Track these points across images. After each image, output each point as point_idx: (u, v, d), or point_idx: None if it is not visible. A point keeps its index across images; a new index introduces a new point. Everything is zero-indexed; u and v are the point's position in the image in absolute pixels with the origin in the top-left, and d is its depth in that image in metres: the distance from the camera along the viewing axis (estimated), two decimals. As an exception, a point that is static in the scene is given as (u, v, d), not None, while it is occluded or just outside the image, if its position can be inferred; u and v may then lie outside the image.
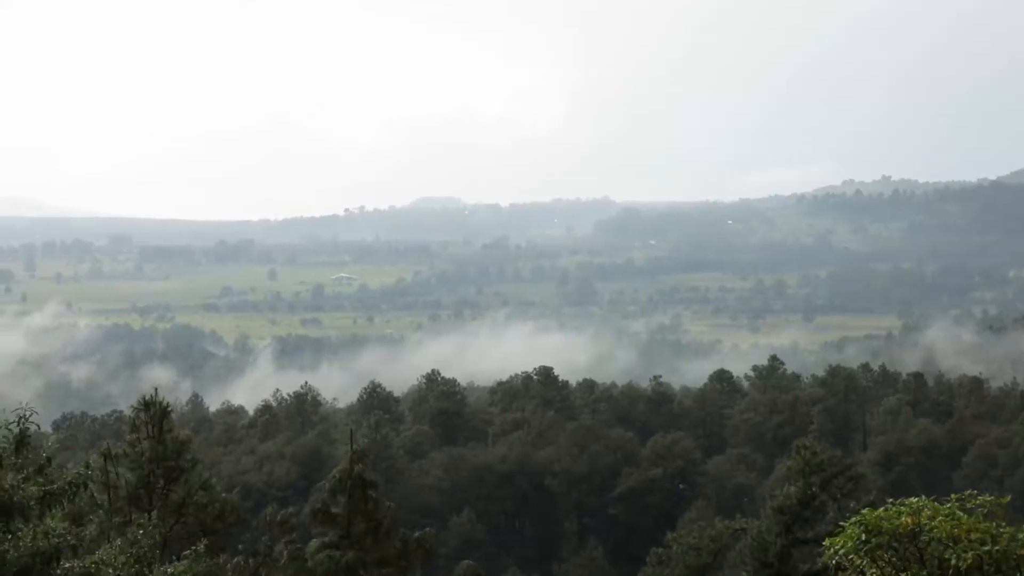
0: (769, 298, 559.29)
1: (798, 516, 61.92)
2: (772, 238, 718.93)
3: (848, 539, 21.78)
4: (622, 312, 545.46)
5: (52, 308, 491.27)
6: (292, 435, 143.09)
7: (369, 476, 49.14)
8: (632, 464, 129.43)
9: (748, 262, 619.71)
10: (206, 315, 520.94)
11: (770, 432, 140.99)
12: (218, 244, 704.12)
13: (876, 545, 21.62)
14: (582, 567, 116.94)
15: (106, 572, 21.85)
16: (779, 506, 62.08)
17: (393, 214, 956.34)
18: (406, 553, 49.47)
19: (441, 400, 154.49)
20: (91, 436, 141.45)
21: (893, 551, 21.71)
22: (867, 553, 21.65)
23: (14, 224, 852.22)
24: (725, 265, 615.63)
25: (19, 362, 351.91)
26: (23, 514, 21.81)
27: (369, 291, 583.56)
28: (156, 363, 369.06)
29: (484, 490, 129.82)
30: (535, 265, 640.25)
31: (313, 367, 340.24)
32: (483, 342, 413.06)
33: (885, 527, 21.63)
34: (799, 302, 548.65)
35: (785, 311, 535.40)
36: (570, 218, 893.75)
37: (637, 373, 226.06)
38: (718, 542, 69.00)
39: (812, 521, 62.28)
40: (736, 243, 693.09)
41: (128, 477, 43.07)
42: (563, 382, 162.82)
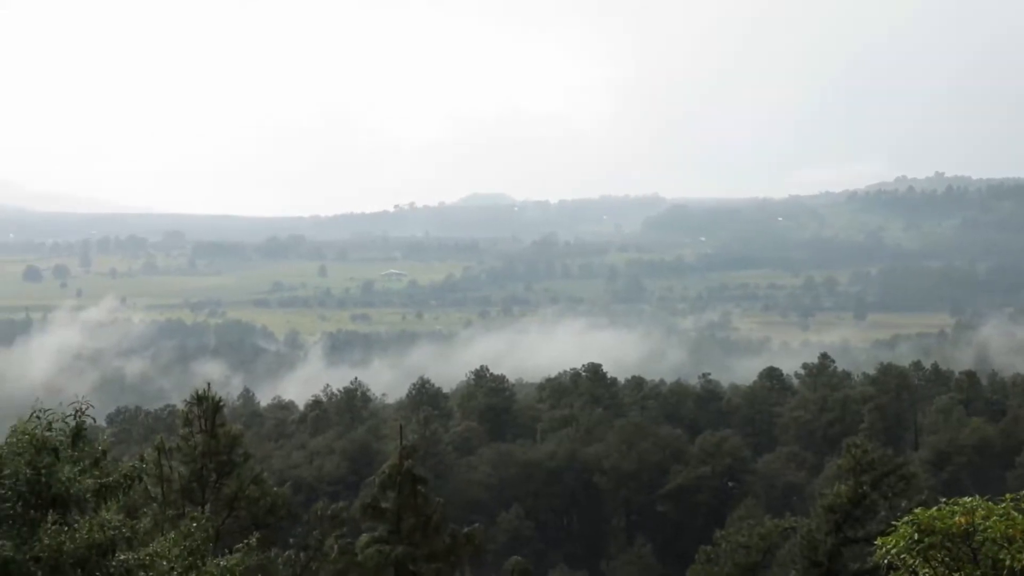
0: (820, 295, 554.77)
1: (849, 515, 61.50)
2: (823, 235, 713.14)
3: (900, 538, 21.62)
4: (671, 309, 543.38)
5: (107, 303, 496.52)
6: (342, 430, 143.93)
7: (418, 472, 49.33)
8: (680, 462, 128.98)
9: (799, 259, 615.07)
10: (257, 310, 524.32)
11: (820, 430, 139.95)
12: (269, 240, 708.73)
13: (929, 545, 21.44)
14: (630, 564, 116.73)
15: (160, 564, 22.04)
16: (829, 505, 61.69)
17: (442, 210, 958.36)
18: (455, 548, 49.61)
19: (490, 396, 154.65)
20: (144, 430, 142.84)
21: (946, 551, 21.52)
22: (920, 553, 21.48)
23: (71, 220, 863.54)
24: (775, 262, 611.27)
25: (75, 356, 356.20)
26: (79, 506, 22.07)
27: (418, 287, 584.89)
28: (208, 358, 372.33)
29: (532, 486, 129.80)
30: (584, 262, 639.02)
31: (363, 363, 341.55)
32: (532, 339, 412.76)
33: (938, 527, 21.45)
34: (850, 300, 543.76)
35: (836, 309, 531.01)
36: (619, 215, 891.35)
37: (686, 370, 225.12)
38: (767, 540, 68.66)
39: (863, 520, 61.83)
40: (786, 240, 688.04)
41: (181, 471, 43.52)
42: (612, 379, 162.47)
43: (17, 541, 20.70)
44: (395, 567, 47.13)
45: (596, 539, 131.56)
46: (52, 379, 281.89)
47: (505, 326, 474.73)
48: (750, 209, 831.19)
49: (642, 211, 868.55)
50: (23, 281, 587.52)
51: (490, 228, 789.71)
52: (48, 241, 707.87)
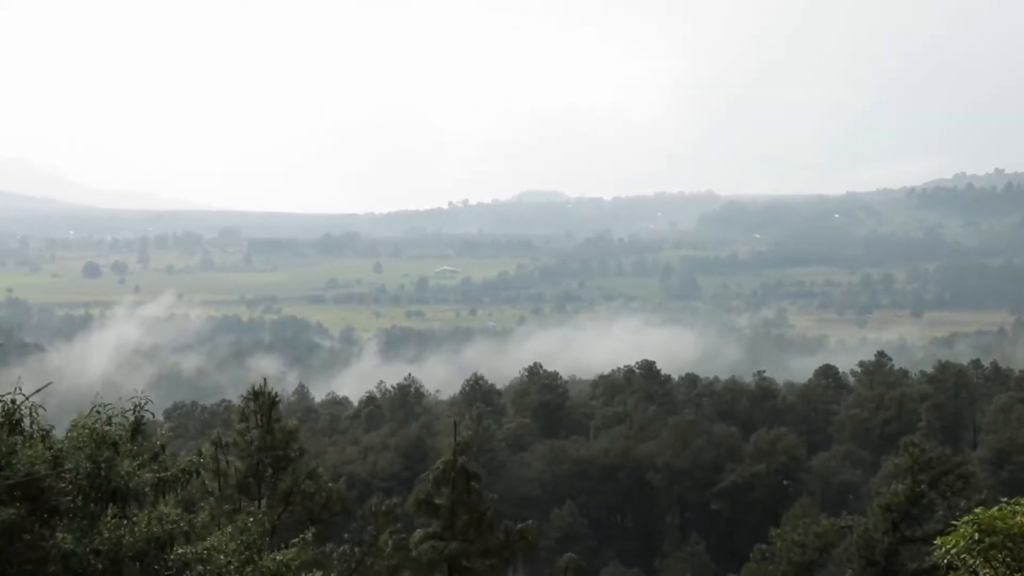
0: (876, 293, 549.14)
1: (906, 514, 60.92)
2: (880, 232, 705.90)
3: (960, 538, 21.36)
4: (725, 306, 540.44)
5: (165, 299, 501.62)
6: (395, 426, 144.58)
7: (472, 468, 49.36)
8: (735, 459, 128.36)
9: (855, 256, 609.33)
10: (312, 307, 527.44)
11: (877, 429, 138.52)
12: (324, 237, 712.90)
13: (990, 545, 21.17)
14: (684, 562, 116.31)
15: (217, 558, 22.21)
16: (886, 504, 61.12)
17: (496, 207, 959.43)
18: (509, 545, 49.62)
19: (543, 393, 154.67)
20: (201, 425, 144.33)
21: (1008, 551, 21.24)
22: (980, 553, 21.21)
23: (129, 217, 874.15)
24: (831, 259, 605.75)
25: (133, 352, 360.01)
26: (138, 500, 22.29)
27: (472, 284, 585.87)
28: (263, 354, 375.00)
29: (585, 483, 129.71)
30: (637, 259, 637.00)
31: (416, 359, 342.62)
32: (585, 336, 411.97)
33: (999, 527, 21.17)
34: (907, 297, 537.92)
35: (893, 306, 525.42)
36: (673, 212, 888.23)
37: (741, 368, 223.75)
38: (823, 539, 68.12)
39: (920, 519, 61.25)
40: (843, 237, 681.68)
41: (238, 465, 43.84)
42: (665, 376, 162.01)
43: (78, 534, 20.96)
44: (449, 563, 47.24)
45: (649, 536, 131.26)
46: (111, 374, 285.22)
47: (558, 323, 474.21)
48: (806, 206, 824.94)
49: (696, 208, 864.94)
50: (83, 277, 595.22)
51: (544, 225, 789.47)
52: (107, 238, 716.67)
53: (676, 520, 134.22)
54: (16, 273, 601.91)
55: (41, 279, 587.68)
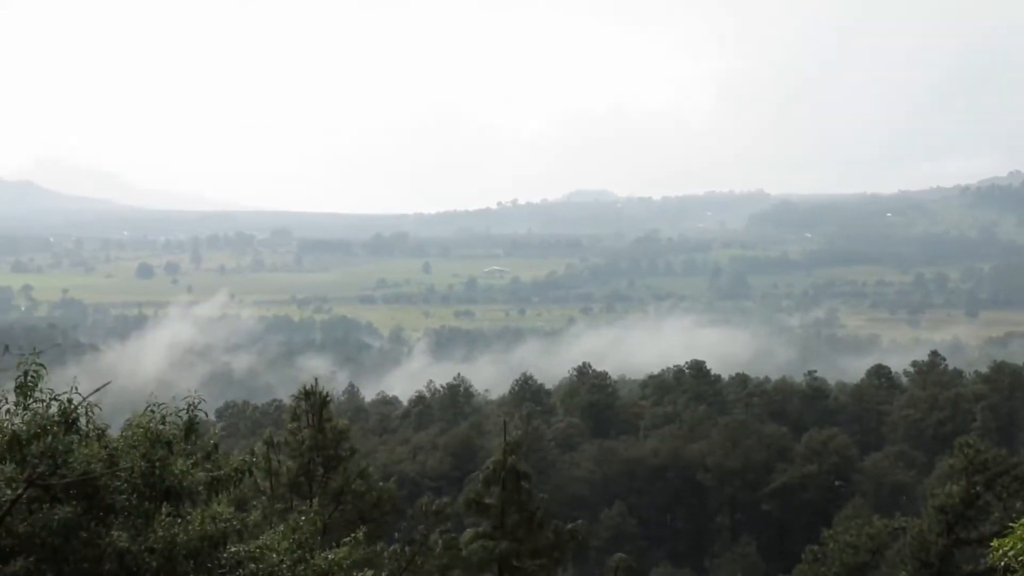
0: (930, 292, 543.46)
1: (961, 516, 60.18)
2: (933, 231, 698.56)
3: (1017, 540, 21.08)
4: (776, 306, 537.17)
5: (217, 299, 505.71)
6: (445, 426, 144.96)
7: (522, 467, 49.30)
8: (786, 460, 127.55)
9: (908, 255, 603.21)
10: (362, 307, 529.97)
11: (930, 429, 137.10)
12: (374, 237, 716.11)
13: (1047, 547, 20.87)
14: (734, 563, 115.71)
15: (270, 557, 22.32)
16: (940, 505, 60.41)
17: (545, 207, 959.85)
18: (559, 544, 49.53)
19: (592, 393, 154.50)
20: (252, 424, 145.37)
21: (1065, 554, 20.93)
22: (1037, 555, 20.92)
23: (182, 218, 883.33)
24: (884, 258, 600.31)
25: (185, 351, 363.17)
26: (192, 499, 22.44)
27: (521, 284, 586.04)
28: (313, 353, 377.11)
29: (635, 483, 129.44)
30: (687, 258, 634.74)
31: (466, 359, 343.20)
32: (634, 336, 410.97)
33: (1056, 529, 20.87)
34: (961, 296, 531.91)
35: (947, 306, 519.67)
36: (723, 211, 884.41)
37: (791, 368, 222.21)
38: (876, 540, 67.42)
39: (976, 521, 60.46)
40: (895, 236, 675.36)
41: (289, 464, 44.06)
42: (715, 376, 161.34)
43: (133, 532, 21.13)
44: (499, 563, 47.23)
45: (699, 537, 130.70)
46: (164, 373, 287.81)
47: (608, 323, 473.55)
48: (858, 205, 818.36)
49: (747, 207, 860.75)
50: (136, 278, 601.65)
51: (593, 225, 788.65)
52: (160, 239, 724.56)
53: (726, 520, 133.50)
54: (71, 274, 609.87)
55: (96, 279, 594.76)
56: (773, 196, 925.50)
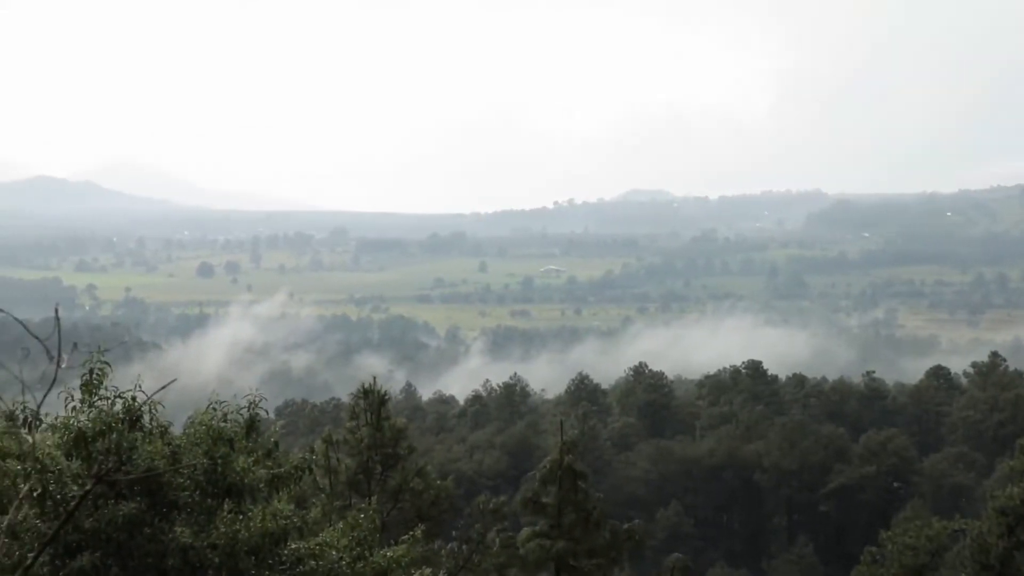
0: (990, 293, 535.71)
1: (1022, 518, 59.41)
2: (994, 230, 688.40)
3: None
4: (833, 306, 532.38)
5: (275, 298, 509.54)
6: (501, 425, 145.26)
7: (579, 467, 49.43)
8: (843, 461, 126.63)
9: (968, 255, 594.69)
10: (419, 306, 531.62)
11: (990, 431, 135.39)
12: (431, 237, 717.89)
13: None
14: (791, 564, 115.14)
15: (329, 554, 22.55)
16: (1001, 507, 59.66)
17: (601, 207, 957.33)
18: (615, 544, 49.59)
19: (648, 393, 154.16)
20: (310, 422, 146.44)
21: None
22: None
23: (241, 218, 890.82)
24: (943, 258, 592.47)
25: (246, 349, 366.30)
26: (253, 496, 22.72)
27: (577, 283, 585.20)
28: (371, 352, 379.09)
29: (691, 483, 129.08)
30: (744, 258, 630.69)
31: (522, 358, 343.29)
32: (690, 335, 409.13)
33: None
34: (1022, 297, 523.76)
35: (1007, 306, 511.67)
36: (780, 210, 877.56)
37: (849, 368, 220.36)
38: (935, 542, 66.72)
39: (1038, 524, 59.64)
40: (955, 235, 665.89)
41: (348, 463, 44.42)
42: (772, 376, 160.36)
43: (195, 528, 21.43)
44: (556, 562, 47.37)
45: (756, 537, 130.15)
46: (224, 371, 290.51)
47: (664, 322, 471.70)
48: (917, 204, 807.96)
49: (804, 206, 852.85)
50: (197, 277, 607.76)
51: (649, 224, 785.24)
52: (220, 238, 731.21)
53: (783, 521, 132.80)
54: (134, 273, 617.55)
55: (157, 279, 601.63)
56: (831, 195, 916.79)
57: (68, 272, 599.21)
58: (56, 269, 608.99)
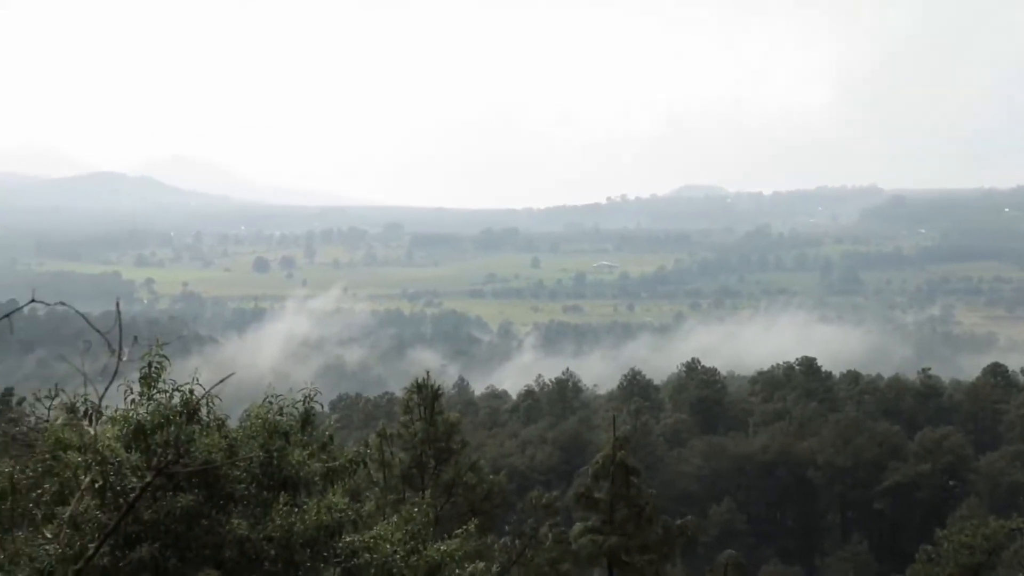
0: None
1: (1080, 518, 58.74)
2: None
3: None
4: (889, 302, 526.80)
5: (330, 293, 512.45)
6: (554, 420, 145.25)
7: (631, 463, 49.42)
8: (898, 458, 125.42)
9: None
10: (472, 301, 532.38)
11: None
12: (484, 232, 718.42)
13: None
14: (845, 561, 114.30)
15: (384, 547, 22.69)
16: (1059, 507, 59.04)
17: (655, 202, 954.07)
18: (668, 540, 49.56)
19: (701, 389, 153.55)
20: (364, 416, 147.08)
21: None
22: None
23: (296, 213, 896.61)
24: (1001, 254, 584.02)
25: (301, 343, 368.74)
26: (308, 489, 22.95)
27: (630, 279, 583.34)
28: (424, 347, 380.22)
29: (744, 480, 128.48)
30: (798, 254, 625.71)
31: (574, 353, 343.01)
32: (744, 331, 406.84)
33: None
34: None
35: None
36: (835, 206, 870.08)
37: (904, 366, 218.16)
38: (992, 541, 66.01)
39: (1095, 523, 58.95)
40: (1013, 231, 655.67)
41: (402, 457, 44.68)
42: (826, 373, 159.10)
43: (252, 521, 21.68)
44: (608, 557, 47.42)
45: (810, 535, 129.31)
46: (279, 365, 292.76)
47: (717, 318, 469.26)
48: (974, 199, 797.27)
49: (859, 202, 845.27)
50: (252, 272, 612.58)
51: (702, 219, 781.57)
52: (276, 233, 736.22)
53: (837, 519, 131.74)
54: (191, 268, 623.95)
55: (214, 273, 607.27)
56: (886, 190, 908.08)
57: (127, 266, 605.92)
58: (115, 263, 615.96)
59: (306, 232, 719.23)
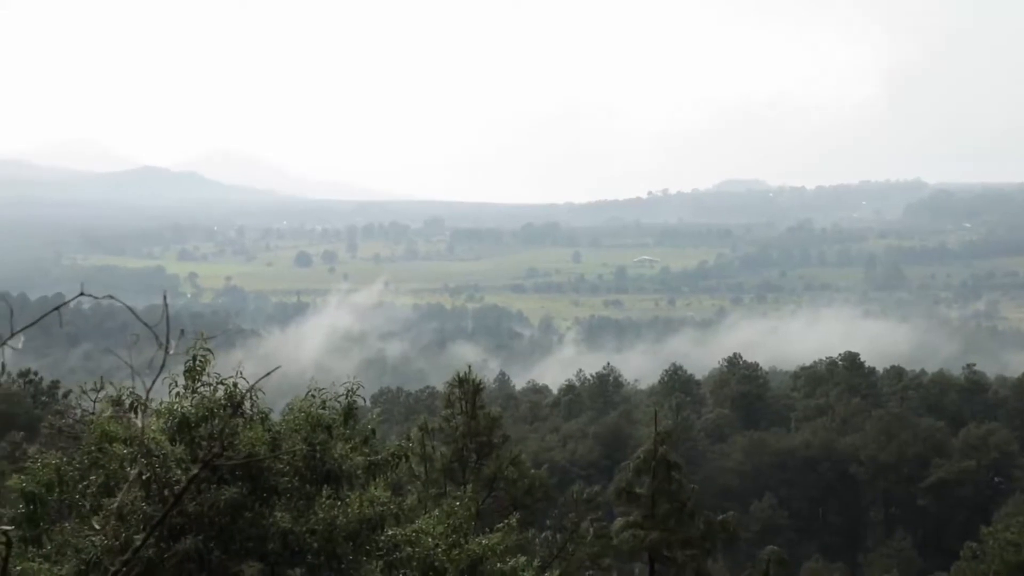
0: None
1: None
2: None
3: None
4: (933, 297, 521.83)
5: (372, 287, 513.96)
6: (594, 415, 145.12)
7: (673, 458, 49.30)
8: (943, 455, 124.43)
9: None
10: (513, 296, 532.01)
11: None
12: (525, 227, 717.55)
13: None
14: (889, 558, 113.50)
15: (425, 540, 22.81)
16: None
17: (696, 196, 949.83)
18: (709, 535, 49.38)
19: (743, 384, 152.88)
20: (405, 410, 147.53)
21: None
22: None
23: (339, 208, 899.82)
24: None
25: (343, 337, 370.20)
26: (350, 483, 23.07)
27: (671, 273, 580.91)
28: (465, 341, 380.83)
29: (786, 475, 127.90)
30: (841, 248, 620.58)
31: (615, 348, 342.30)
32: (786, 326, 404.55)
33: None
34: None
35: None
36: (878, 200, 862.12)
37: (949, 361, 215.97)
38: (1038, 538, 65.48)
39: None
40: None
41: (443, 451, 44.81)
42: (869, 368, 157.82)
43: (295, 514, 21.83)
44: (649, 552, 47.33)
45: (852, 531, 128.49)
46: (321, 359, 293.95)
47: (759, 313, 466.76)
48: (1020, 193, 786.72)
49: (903, 196, 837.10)
50: (294, 266, 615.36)
51: (744, 214, 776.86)
52: (318, 228, 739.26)
53: (880, 515, 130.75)
54: (234, 262, 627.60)
55: (256, 268, 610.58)
56: (931, 185, 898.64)
57: (171, 261, 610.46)
58: (159, 258, 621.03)
59: (347, 227, 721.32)
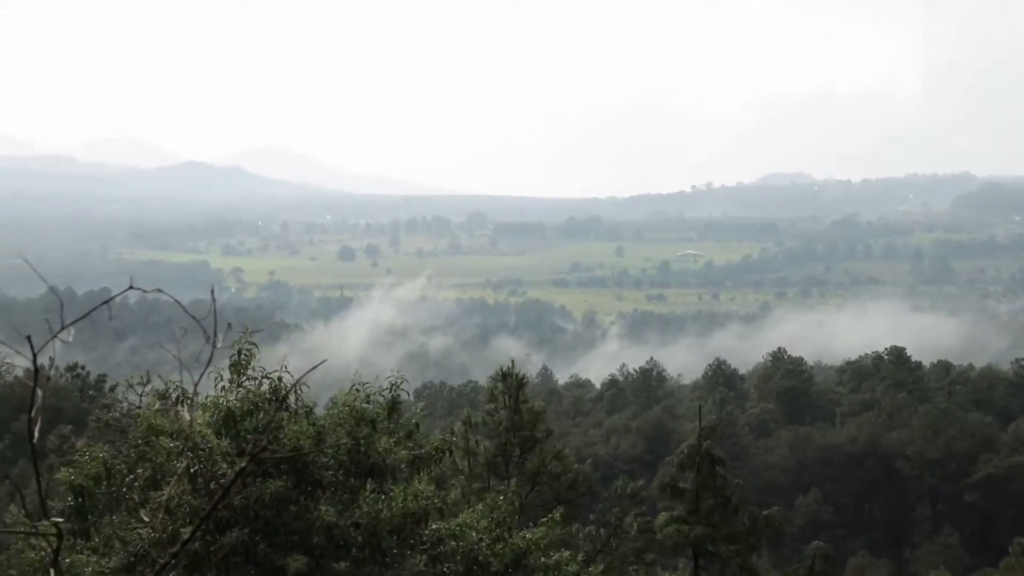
0: None
1: None
2: None
3: None
4: (982, 292, 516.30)
5: (415, 282, 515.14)
6: (638, 409, 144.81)
7: (717, 452, 49.10)
8: (991, 450, 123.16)
9: None
10: (556, 290, 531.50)
11: None
12: (567, 221, 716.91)
13: None
14: (936, 554, 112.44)
15: (469, 534, 22.81)
16: None
17: (740, 190, 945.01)
18: (754, 531, 49.15)
19: (787, 379, 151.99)
20: (448, 404, 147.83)
21: None
22: None
23: (381, 202, 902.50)
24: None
25: (386, 331, 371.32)
26: (394, 476, 23.13)
27: (714, 267, 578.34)
28: (507, 335, 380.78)
29: (831, 471, 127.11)
30: (887, 242, 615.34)
31: (658, 343, 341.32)
32: (831, 321, 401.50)
33: None
34: None
35: None
36: (926, 193, 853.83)
37: (998, 356, 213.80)
38: (1089, 535, 64.70)
39: None
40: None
41: (487, 445, 44.82)
42: (916, 363, 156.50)
43: (339, 507, 21.91)
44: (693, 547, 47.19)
45: (898, 527, 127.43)
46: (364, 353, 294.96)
47: (803, 308, 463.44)
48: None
49: (951, 189, 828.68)
50: (337, 260, 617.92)
51: (789, 208, 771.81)
52: (361, 222, 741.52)
53: (927, 511, 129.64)
54: (277, 257, 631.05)
55: (300, 262, 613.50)
56: (979, 178, 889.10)
57: (216, 255, 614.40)
58: (204, 252, 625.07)
59: (391, 221, 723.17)
